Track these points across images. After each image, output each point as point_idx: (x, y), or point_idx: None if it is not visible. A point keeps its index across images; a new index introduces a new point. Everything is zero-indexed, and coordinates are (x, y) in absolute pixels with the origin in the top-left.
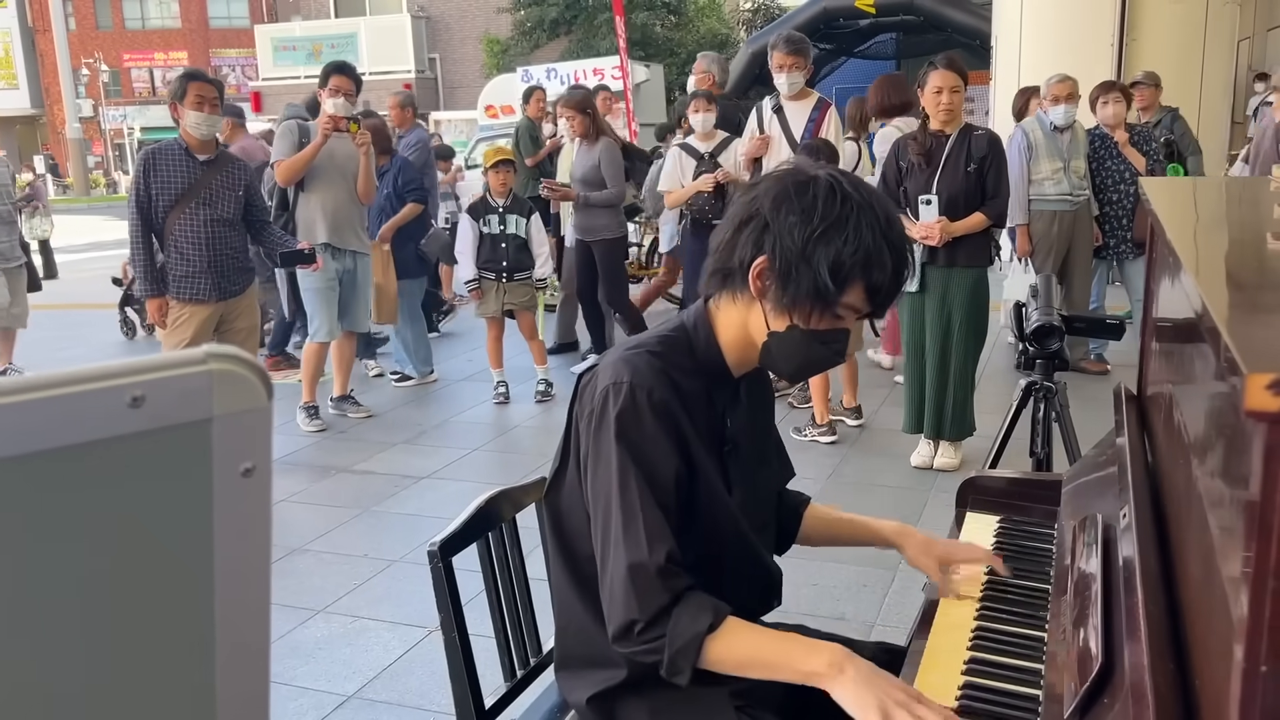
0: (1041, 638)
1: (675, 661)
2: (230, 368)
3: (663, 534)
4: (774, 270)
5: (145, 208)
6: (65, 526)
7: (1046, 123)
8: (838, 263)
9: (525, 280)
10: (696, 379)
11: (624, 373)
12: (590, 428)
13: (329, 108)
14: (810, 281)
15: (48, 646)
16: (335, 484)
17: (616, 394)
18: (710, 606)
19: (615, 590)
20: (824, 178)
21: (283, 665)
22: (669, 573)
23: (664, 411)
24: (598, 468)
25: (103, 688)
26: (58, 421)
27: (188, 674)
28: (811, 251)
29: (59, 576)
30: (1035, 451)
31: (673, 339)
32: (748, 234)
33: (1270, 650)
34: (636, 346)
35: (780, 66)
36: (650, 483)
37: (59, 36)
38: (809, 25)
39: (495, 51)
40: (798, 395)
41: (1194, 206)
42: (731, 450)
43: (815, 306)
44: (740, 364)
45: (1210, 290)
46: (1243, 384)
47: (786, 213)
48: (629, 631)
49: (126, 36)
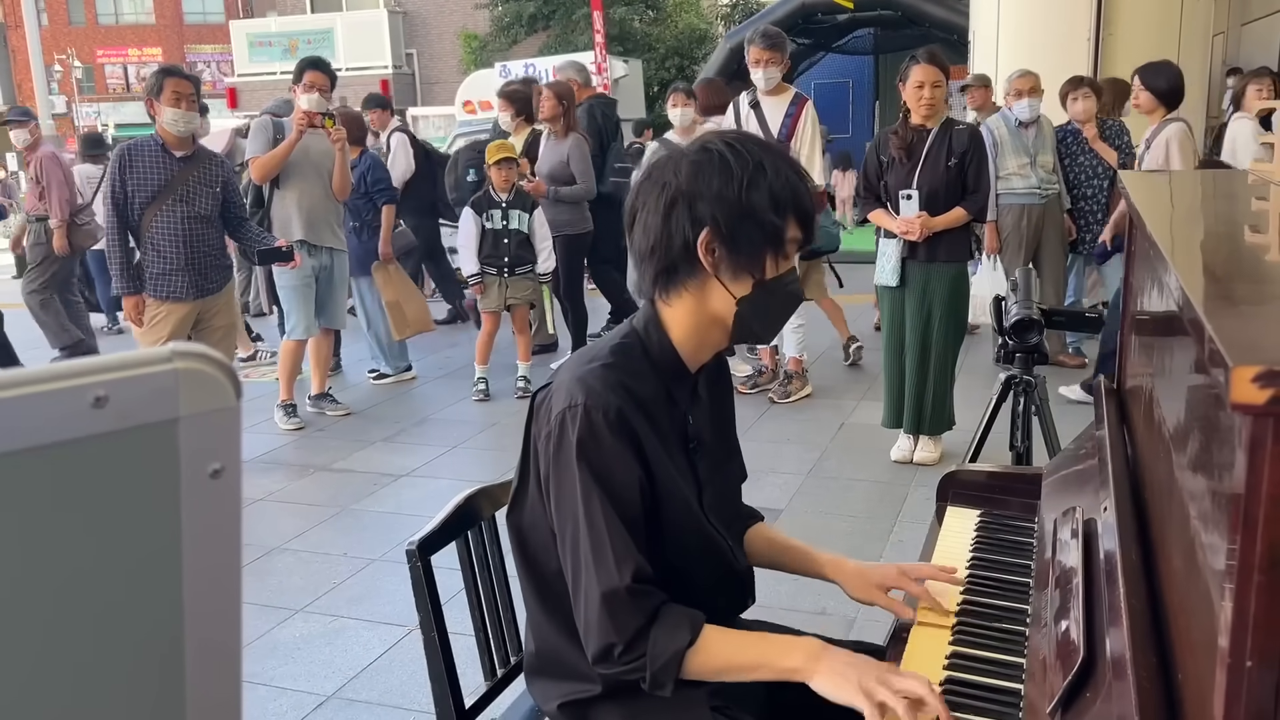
0: (1023, 632)
1: (657, 678)
2: (197, 366)
3: (630, 553)
4: (720, 235)
5: (121, 205)
6: (28, 529)
7: (1011, 118)
8: (775, 199)
9: (527, 275)
10: (654, 381)
11: (578, 394)
12: (549, 449)
13: (304, 104)
14: (758, 227)
15: (13, 649)
16: (313, 482)
17: (573, 417)
18: (687, 621)
19: (590, 617)
20: (715, 141)
21: (262, 665)
22: (640, 592)
23: (621, 428)
24: (561, 490)
25: (70, 691)
26: (18, 422)
27: (157, 676)
28: (748, 200)
29: (23, 579)
30: (1015, 445)
31: (625, 345)
32: (677, 218)
33: (1256, 645)
34: (590, 361)
35: (757, 62)
36: (615, 501)
37: (31, 32)
38: (787, 20)
39: (473, 47)
40: (778, 390)
41: (1173, 199)
42: (696, 447)
43: (769, 250)
44: (696, 356)
45: (1191, 282)
46: (1228, 377)
47: (708, 179)
48: (609, 654)
49: (100, 32)
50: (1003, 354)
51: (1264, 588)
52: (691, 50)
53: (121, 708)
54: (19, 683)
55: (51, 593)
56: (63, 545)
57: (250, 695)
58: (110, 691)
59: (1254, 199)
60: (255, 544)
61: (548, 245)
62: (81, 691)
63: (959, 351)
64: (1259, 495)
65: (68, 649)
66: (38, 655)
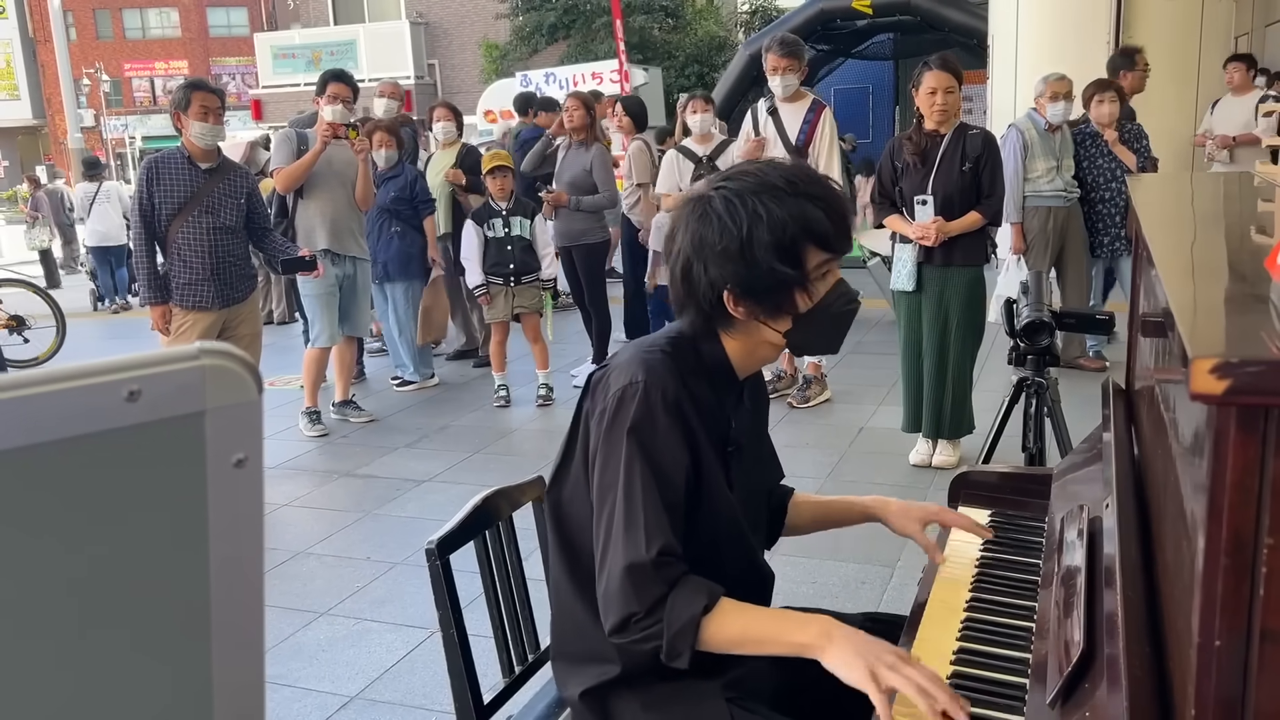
0: (1029, 628)
1: (674, 644)
2: (222, 363)
3: (661, 529)
4: (739, 293)
5: (148, 216)
6: (67, 514)
7: (1041, 121)
8: (779, 247)
9: (533, 283)
10: (704, 381)
11: (639, 372)
12: (602, 425)
13: (327, 115)
14: (774, 279)
15: (48, 636)
16: (337, 488)
17: (633, 394)
18: (705, 589)
19: (612, 587)
20: (713, 193)
21: (286, 667)
22: (664, 564)
23: (677, 411)
24: (607, 463)
25: (101, 676)
26: (57, 415)
27: (184, 660)
28: (753, 257)
29: (60, 565)
30: (1028, 447)
31: (679, 341)
32: (696, 280)
33: (1224, 626)
34: (650, 347)
35: (774, 69)
36: (657, 479)
37: (60, 47)
38: (806, 27)
39: (494, 57)
40: (797, 395)
41: (1178, 202)
42: (735, 451)
43: (796, 291)
44: (746, 368)
45: (1173, 281)
46: (1188, 368)
47: (710, 243)
48: (626, 624)
49: (127, 46)
50: (1014, 356)
51: (1230, 571)
52: (711, 58)
53: (151, 687)
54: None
55: (87, 573)
56: (98, 529)
57: (275, 696)
58: (140, 675)
59: (1260, 201)
60: (281, 548)
61: (550, 251)
62: (114, 675)
63: (977, 355)
64: (1223, 482)
65: (103, 628)
66: (72, 640)
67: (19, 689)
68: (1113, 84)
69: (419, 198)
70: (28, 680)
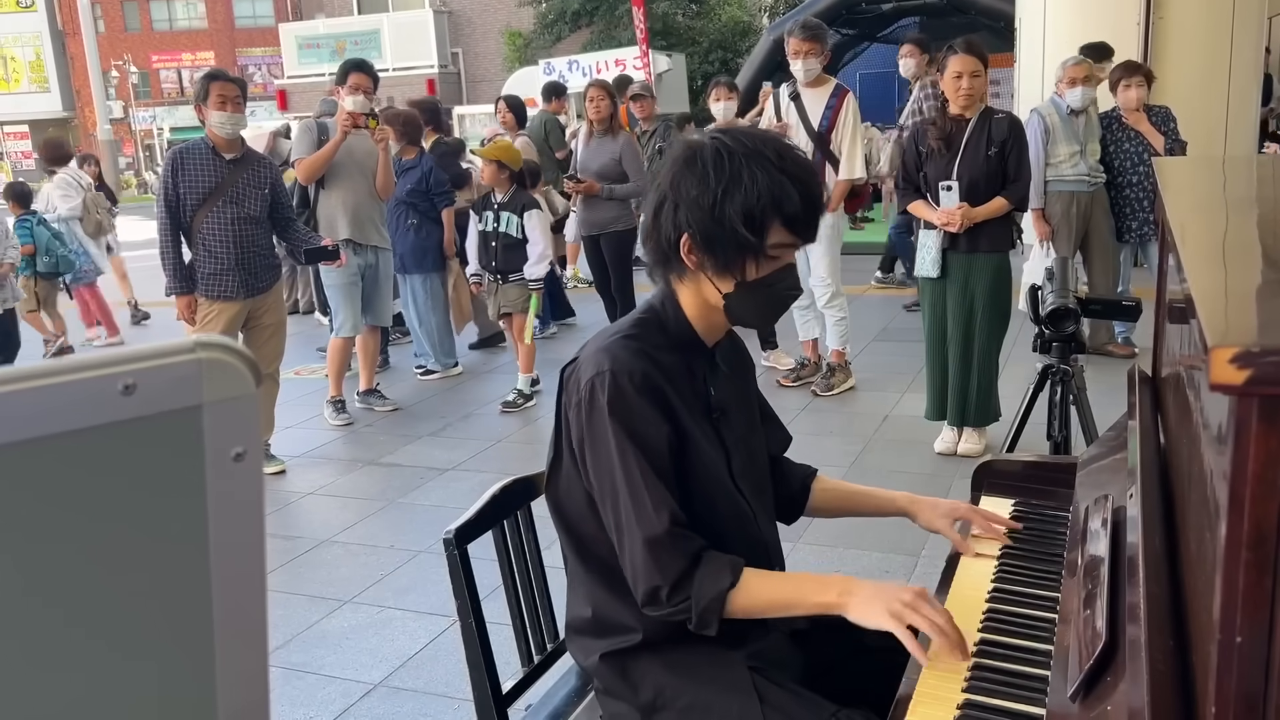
0: (1052, 619)
1: (703, 618)
2: (219, 356)
3: (665, 500)
4: (697, 242)
5: (174, 206)
6: (62, 510)
7: (1063, 106)
8: (748, 213)
9: (518, 282)
10: (673, 353)
11: (604, 361)
12: (581, 416)
13: (347, 105)
14: (732, 239)
15: (46, 632)
16: (361, 477)
17: (601, 383)
18: (728, 565)
19: (636, 563)
20: (708, 142)
21: (310, 654)
22: (679, 535)
23: (647, 387)
24: (597, 452)
25: (101, 672)
26: (52, 408)
27: (186, 655)
28: (721, 213)
29: (57, 560)
30: (1053, 435)
31: (645, 320)
32: (664, 218)
33: (1245, 621)
34: (613, 334)
35: (796, 53)
36: (647, 453)
37: (88, 39)
38: (830, 11)
39: (517, 45)
40: (821, 383)
41: (1203, 186)
42: (721, 416)
43: (747, 258)
44: (709, 332)
45: (1194, 267)
46: (1208, 357)
47: (687, 187)
48: (655, 596)
49: (154, 38)
50: (1039, 343)
51: (1252, 564)
52: (735, 43)
53: (153, 681)
54: (53, 664)
55: (86, 569)
56: (96, 524)
57: (299, 683)
58: (141, 670)
59: None
60: (305, 536)
61: (538, 250)
62: (114, 671)
63: (1003, 342)
64: (1245, 474)
65: (102, 624)
66: (71, 636)
67: (18, 686)
68: (1141, 68)
69: (435, 189)
70: (28, 678)
